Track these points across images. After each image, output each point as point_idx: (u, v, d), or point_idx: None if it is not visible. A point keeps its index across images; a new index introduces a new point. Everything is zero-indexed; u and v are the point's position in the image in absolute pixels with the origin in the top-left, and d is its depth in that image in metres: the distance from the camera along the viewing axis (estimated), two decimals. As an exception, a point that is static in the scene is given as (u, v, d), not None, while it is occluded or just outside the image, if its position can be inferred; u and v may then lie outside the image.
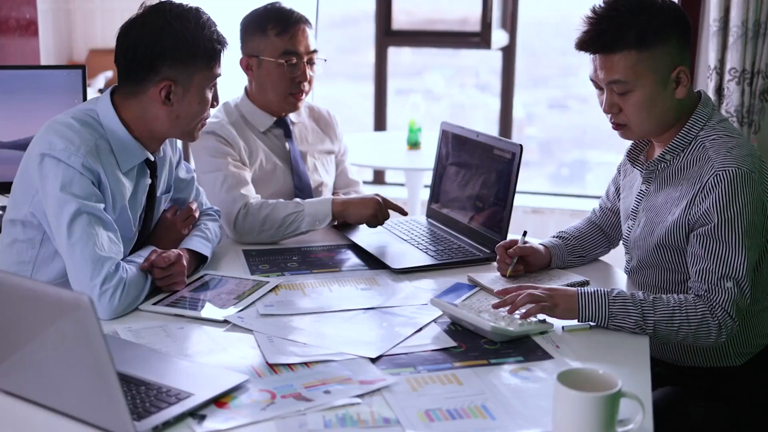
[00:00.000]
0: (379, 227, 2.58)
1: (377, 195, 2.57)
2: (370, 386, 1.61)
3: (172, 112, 2.04)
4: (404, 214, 2.60)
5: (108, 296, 1.90)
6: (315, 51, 2.67)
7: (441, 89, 7.24)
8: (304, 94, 2.67)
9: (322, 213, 2.49)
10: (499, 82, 5.38)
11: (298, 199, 2.54)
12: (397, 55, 5.60)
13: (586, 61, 2.05)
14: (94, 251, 1.91)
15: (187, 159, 2.49)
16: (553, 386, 1.42)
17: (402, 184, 5.31)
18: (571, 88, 7.06)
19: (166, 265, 2.02)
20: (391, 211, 2.58)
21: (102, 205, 1.97)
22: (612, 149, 6.82)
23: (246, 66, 2.67)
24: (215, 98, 2.12)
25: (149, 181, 2.15)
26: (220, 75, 2.09)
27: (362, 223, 2.57)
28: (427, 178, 4.71)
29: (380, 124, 5.55)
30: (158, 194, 2.21)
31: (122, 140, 2.03)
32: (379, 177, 5.64)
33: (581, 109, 7.01)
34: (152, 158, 2.13)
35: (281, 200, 2.52)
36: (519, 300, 1.88)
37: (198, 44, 2.01)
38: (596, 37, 1.95)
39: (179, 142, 2.36)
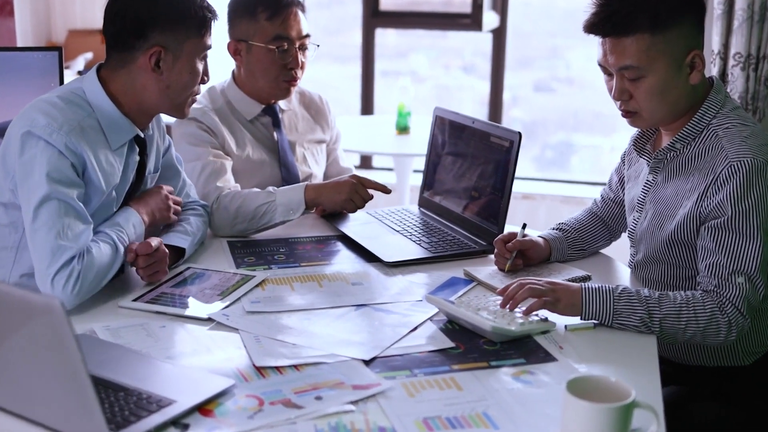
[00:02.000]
0: (370, 218, 2.48)
1: (353, 176, 2.44)
2: (364, 392, 1.51)
3: (162, 81, 1.98)
4: (386, 191, 2.44)
5: (60, 286, 1.82)
6: (308, 36, 2.54)
7: (426, 71, 7.15)
8: (296, 81, 2.55)
9: (295, 201, 2.36)
10: (484, 64, 5.29)
11: (271, 188, 2.40)
12: (381, 36, 5.49)
13: (573, 43, 1.96)
14: (55, 240, 1.83)
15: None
16: (562, 395, 1.33)
17: (390, 169, 5.20)
18: (556, 71, 6.99)
19: (152, 251, 1.94)
20: (373, 191, 2.44)
21: (76, 192, 1.88)
22: (598, 132, 6.75)
23: (234, 51, 2.55)
24: (206, 72, 2.06)
25: (138, 158, 2.08)
26: (210, 46, 2.04)
27: (339, 210, 2.45)
28: (417, 163, 4.62)
29: (367, 107, 5.44)
30: (147, 173, 2.14)
31: (111, 117, 1.97)
32: (366, 162, 5.54)
33: (566, 92, 6.94)
34: (142, 135, 2.06)
35: (254, 190, 2.39)
36: (519, 295, 1.78)
37: (189, 10, 1.97)
38: (606, 19, 1.85)
39: (168, 127, 2.26)
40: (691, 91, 1.91)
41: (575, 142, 6.83)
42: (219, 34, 2.13)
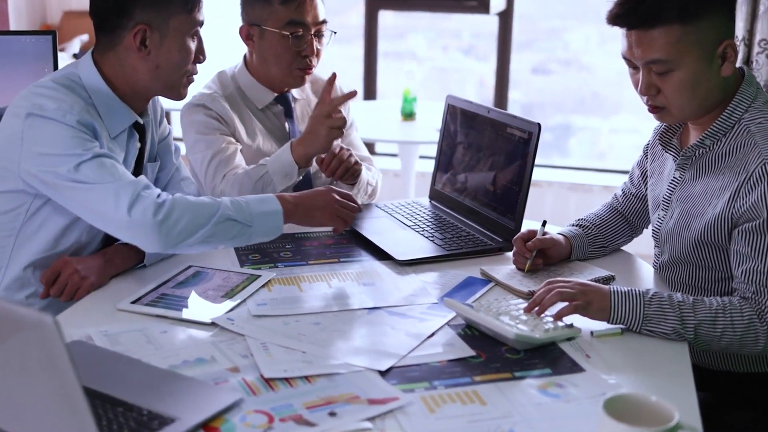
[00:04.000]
0: (380, 211, 2.37)
1: (314, 110, 2.27)
2: (381, 407, 1.40)
3: (150, 61, 1.89)
4: (352, 95, 2.28)
5: (140, 215, 1.74)
6: (324, 22, 2.40)
7: (424, 52, 7.04)
8: (310, 69, 2.43)
9: (287, 164, 2.23)
10: (482, 45, 5.17)
11: (262, 160, 2.28)
12: (380, 17, 5.38)
13: (572, 25, 1.84)
14: (111, 184, 1.76)
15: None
16: (598, 416, 1.23)
17: (394, 155, 5.08)
18: (555, 52, 6.89)
19: (53, 277, 1.87)
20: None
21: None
22: (596, 114, 6.65)
23: (246, 36, 2.42)
24: (200, 51, 1.96)
25: (138, 145, 1.99)
26: (201, 22, 1.94)
27: (331, 143, 2.27)
28: (423, 150, 4.51)
29: (370, 92, 5.33)
30: (145, 161, 2.05)
31: (109, 102, 1.89)
32: (368, 148, 5.41)
33: (565, 73, 6.84)
34: (141, 121, 1.98)
35: (248, 169, 2.26)
36: (547, 299, 1.68)
37: None
38: (632, 10, 1.73)
39: (168, 114, 2.15)
40: (722, 84, 1.80)
41: (573, 124, 6.74)
42: (231, 17, 2.02)
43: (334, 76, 2.30)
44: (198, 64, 1.97)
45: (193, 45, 1.93)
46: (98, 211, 1.78)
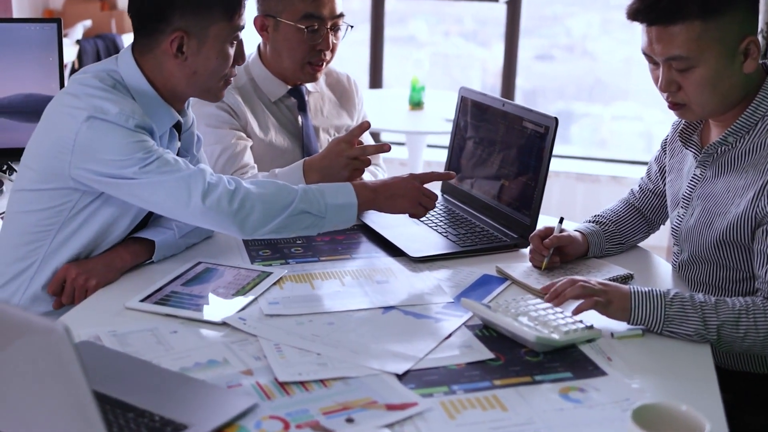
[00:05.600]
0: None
1: (336, 142, 2.17)
2: (400, 413, 1.36)
3: (187, 67, 1.85)
4: (363, 128, 2.20)
5: (215, 204, 1.76)
6: (341, 15, 2.35)
7: (425, 37, 6.99)
8: (324, 64, 2.38)
9: (297, 181, 2.14)
10: (485, 31, 5.15)
11: (276, 170, 2.21)
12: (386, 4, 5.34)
13: (574, 11, 1.79)
14: (181, 177, 1.77)
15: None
16: (628, 426, 1.19)
17: (401, 143, 5.03)
18: (557, 38, 6.84)
19: (59, 285, 1.86)
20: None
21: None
22: (598, 101, 6.61)
23: (261, 27, 2.36)
24: (240, 55, 1.92)
25: (179, 144, 1.97)
26: (242, 27, 1.89)
27: (346, 173, 2.16)
28: (431, 139, 4.46)
29: (376, 81, 5.28)
30: None
31: (153, 103, 1.86)
32: (374, 137, 5.38)
33: (567, 60, 6.80)
34: (182, 120, 1.95)
35: (256, 177, 2.20)
36: (569, 290, 1.64)
37: None
38: (653, 6, 1.68)
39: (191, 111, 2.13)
40: (745, 81, 1.75)
41: (575, 111, 6.70)
42: (250, 6, 1.97)
43: (367, 124, 2.22)
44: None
45: (231, 50, 1.89)
46: (169, 203, 1.77)
